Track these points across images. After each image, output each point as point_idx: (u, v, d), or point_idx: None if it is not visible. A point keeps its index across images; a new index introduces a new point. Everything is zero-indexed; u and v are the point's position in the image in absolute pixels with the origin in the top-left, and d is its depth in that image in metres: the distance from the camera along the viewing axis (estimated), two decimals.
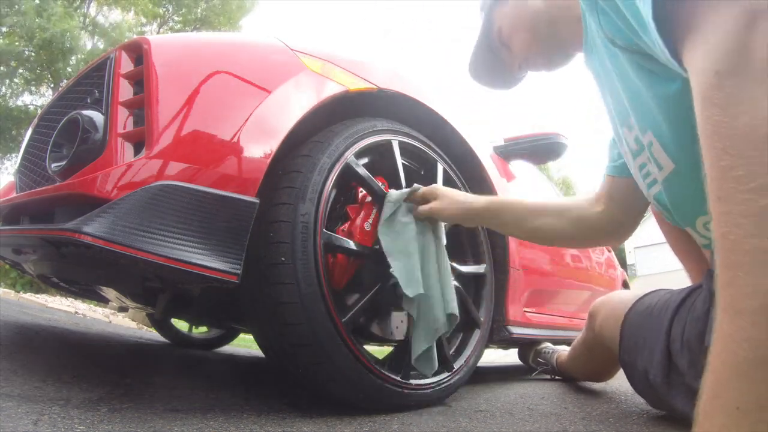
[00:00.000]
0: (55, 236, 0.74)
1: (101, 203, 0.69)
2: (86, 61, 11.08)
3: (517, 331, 1.41)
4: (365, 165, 1.03)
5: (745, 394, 0.33)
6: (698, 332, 0.75)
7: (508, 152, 1.64)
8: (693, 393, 0.72)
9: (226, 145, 0.80)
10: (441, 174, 1.19)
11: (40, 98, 12.81)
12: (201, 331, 2.24)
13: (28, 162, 1.14)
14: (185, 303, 1.11)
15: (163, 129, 0.75)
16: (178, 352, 1.92)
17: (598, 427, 0.87)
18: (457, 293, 1.17)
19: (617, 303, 1.04)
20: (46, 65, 11.61)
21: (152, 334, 2.61)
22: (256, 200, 0.80)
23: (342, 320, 0.87)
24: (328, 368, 0.85)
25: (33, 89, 12.81)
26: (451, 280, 1.01)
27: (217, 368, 1.69)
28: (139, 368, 1.31)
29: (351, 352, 0.87)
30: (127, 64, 0.85)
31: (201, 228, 0.74)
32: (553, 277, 1.79)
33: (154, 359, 1.64)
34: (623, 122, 0.71)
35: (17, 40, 11.11)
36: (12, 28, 10.91)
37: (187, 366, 1.54)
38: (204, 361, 1.80)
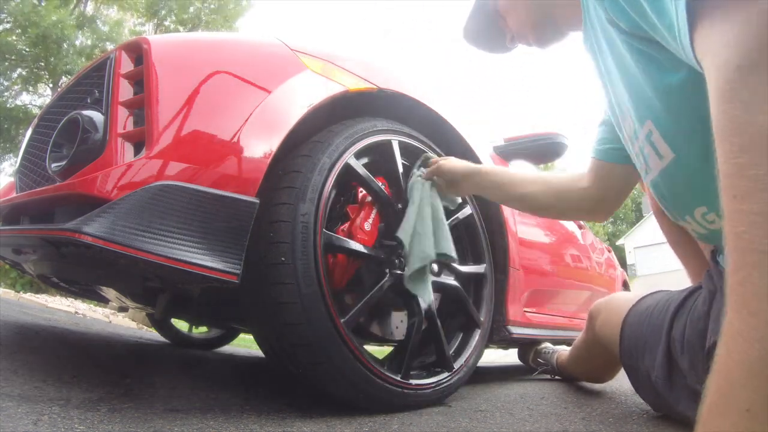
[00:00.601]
0: (55, 236, 0.74)
1: (101, 203, 0.69)
2: (80, 53, 11.08)
3: (517, 331, 1.41)
4: (365, 165, 1.03)
5: (757, 394, 0.32)
6: (699, 333, 0.75)
7: (508, 152, 1.64)
8: (695, 395, 0.72)
9: (226, 145, 0.80)
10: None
11: (39, 98, 12.82)
12: (201, 331, 2.24)
13: (28, 162, 1.14)
14: (185, 303, 1.11)
15: (163, 129, 0.75)
16: (178, 352, 1.92)
17: (598, 427, 0.87)
18: (457, 293, 1.17)
19: (617, 304, 1.04)
20: (43, 62, 11.61)
21: (152, 334, 2.61)
22: (256, 200, 0.80)
23: (342, 320, 0.87)
24: (328, 368, 0.85)
25: (31, 89, 12.82)
26: (444, 226, 1.06)
27: (217, 368, 1.69)
28: (139, 368, 1.31)
29: (351, 352, 0.87)
30: (127, 64, 0.85)
31: (201, 228, 0.74)
32: (553, 277, 1.79)
33: (154, 359, 1.64)
34: (621, 108, 0.71)
35: (14, 35, 11.11)
36: (8, 18, 10.91)
37: (187, 366, 1.54)
38: (204, 361, 1.80)
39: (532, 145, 1.64)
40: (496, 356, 4.00)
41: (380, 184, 1.04)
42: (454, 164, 1.08)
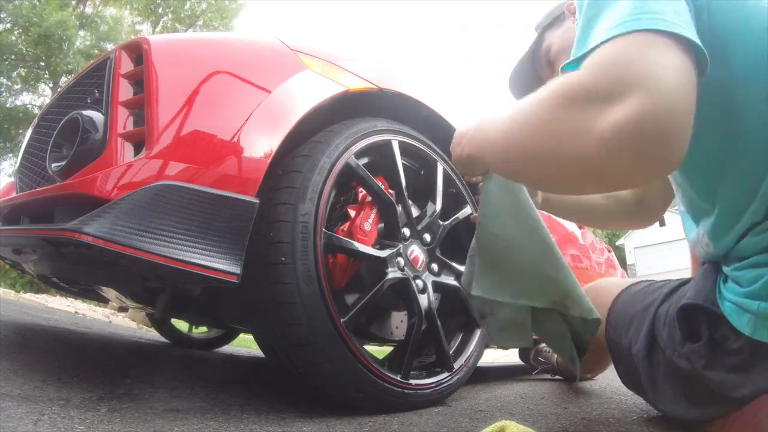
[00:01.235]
0: (55, 236, 0.74)
1: (101, 203, 0.69)
2: (83, 54, 11.07)
3: None
4: (365, 165, 1.03)
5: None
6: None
7: None
8: (672, 370, 0.72)
9: (226, 145, 0.80)
10: (441, 174, 1.19)
11: (39, 98, 12.82)
12: (201, 331, 2.24)
13: (28, 162, 1.14)
14: (185, 303, 1.11)
15: (163, 129, 0.75)
16: (178, 352, 1.92)
17: (598, 427, 0.87)
18: (458, 293, 1.17)
19: (606, 286, 1.05)
20: (44, 62, 11.61)
21: (152, 334, 2.61)
22: (256, 200, 0.80)
23: (342, 320, 0.87)
24: (328, 368, 0.85)
25: (31, 88, 12.81)
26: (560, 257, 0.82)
27: (217, 368, 1.69)
28: (139, 368, 1.31)
29: (351, 352, 0.87)
30: (127, 64, 0.85)
31: (201, 228, 0.74)
32: None
33: (154, 359, 1.64)
34: None
35: (14, 36, 11.09)
36: (9, 19, 10.90)
37: (187, 366, 1.54)
38: (204, 361, 1.80)
39: None
40: (496, 356, 4.00)
41: (380, 184, 1.04)
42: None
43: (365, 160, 1.05)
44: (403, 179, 1.08)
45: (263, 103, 0.85)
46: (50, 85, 12.24)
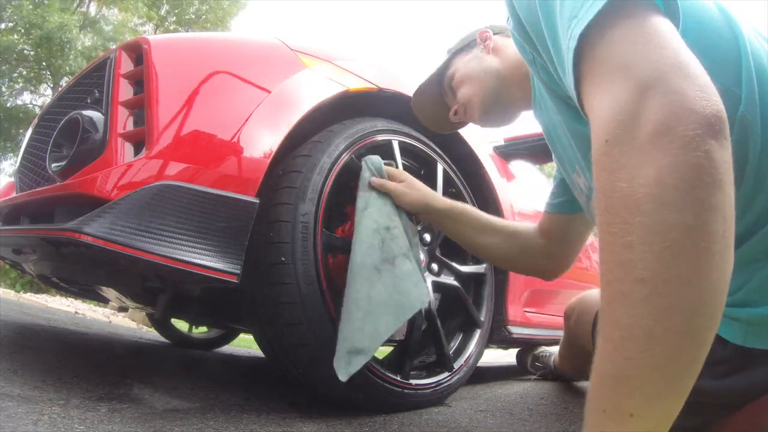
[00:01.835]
0: (55, 236, 0.74)
1: (101, 203, 0.69)
2: (84, 55, 11.06)
3: (516, 331, 1.41)
4: None
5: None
6: None
7: (508, 152, 1.64)
8: None
9: (226, 145, 0.80)
10: (441, 174, 1.19)
11: (40, 98, 12.82)
12: (201, 331, 2.24)
13: (28, 162, 1.14)
14: (185, 303, 1.11)
15: (163, 129, 0.75)
16: (178, 352, 1.92)
17: None
18: (457, 293, 1.17)
19: (589, 301, 1.05)
20: (45, 63, 11.60)
21: (152, 334, 2.60)
22: (256, 200, 0.80)
23: None
24: (328, 368, 0.85)
25: (32, 88, 12.81)
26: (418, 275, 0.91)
27: (217, 368, 1.69)
28: (139, 368, 1.31)
29: None
30: (127, 64, 0.85)
31: (201, 228, 0.74)
32: None
33: (154, 359, 1.64)
34: (572, 168, 0.74)
35: (16, 36, 11.08)
36: (11, 22, 10.90)
37: (187, 366, 1.54)
38: (204, 361, 1.80)
39: (532, 145, 1.63)
40: (496, 356, 3.99)
41: None
42: (410, 194, 0.96)
43: None
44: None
45: (263, 103, 0.85)
46: (51, 86, 12.24)
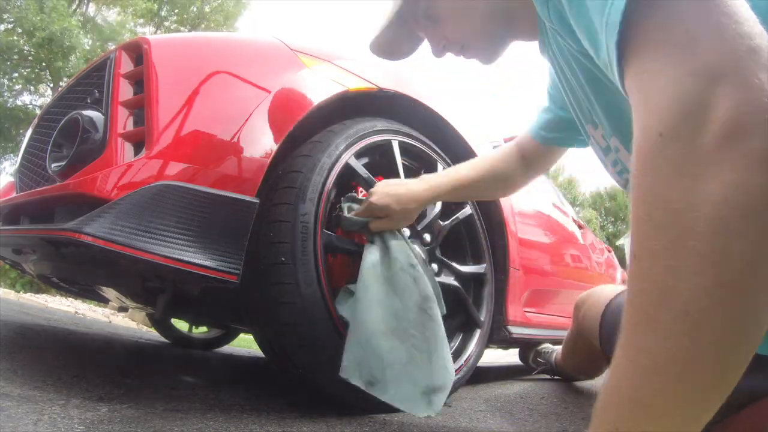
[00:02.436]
0: (55, 236, 0.74)
1: (101, 203, 0.69)
2: (85, 59, 11.07)
3: (516, 331, 1.41)
4: (365, 165, 1.03)
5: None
6: None
7: None
8: None
9: (226, 145, 0.80)
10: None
11: (40, 98, 12.82)
12: (201, 331, 2.24)
13: (28, 162, 1.14)
14: (185, 303, 1.11)
15: (163, 129, 0.75)
16: (178, 352, 1.92)
17: None
18: (457, 293, 1.17)
19: (599, 295, 1.05)
20: (46, 64, 11.60)
21: (152, 334, 2.60)
22: (256, 200, 0.80)
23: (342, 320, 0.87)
24: (328, 368, 0.85)
25: (32, 88, 12.81)
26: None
27: (217, 368, 1.69)
28: (139, 368, 1.31)
29: None
30: (127, 64, 0.85)
31: (201, 228, 0.74)
32: (553, 277, 1.79)
33: (154, 359, 1.64)
34: (587, 118, 0.67)
35: (17, 37, 11.08)
36: (12, 24, 10.89)
37: (187, 366, 1.54)
38: (204, 361, 1.80)
39: None
40: (496, 356, 3.99)
41: None
42: (413, 190, 0.93)
43: (365, 160, 1.05)
44: (403, 179, 1.08)
45: (263, 103, 0.85)
46: (51, 86, 12.24)
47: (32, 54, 11.38)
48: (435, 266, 1.14)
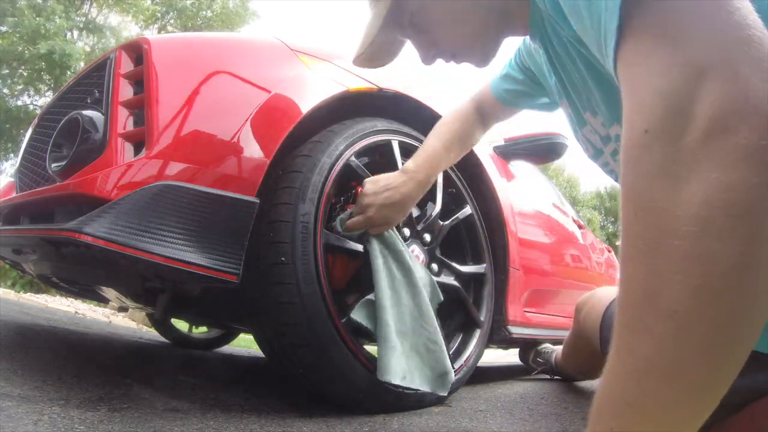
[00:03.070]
0: (55, 236, 0.74)
1: (101, 203, 0.69)
2: (83, 58, 11.08)
3: (516, 331, 1.41)
4: (365, 165, 1.03)
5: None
6: None
7: (508, 152, 1.64)
8: None
9: (226, 145, 0.80)
10: (441, 174, 1.19)
11: (40, 98, 12.82)
12: (201, 331, 2.24)
13: (28, 162, 1.14)
14: (185, 303, 1.11)
15: (163, 129, 0.75)
16: (178, 352, 1.92)
17: None
18: (457, 293, 1.17)
19: (600, 297, 1.05)
20: (47, 71, 11.63)
21: (152, 334, 2.60)
22: (256, 200, 0.80)
23: (342, 320, 0.87)
24: (328, 368, 0.85)
25: (32, 89, 12.82)
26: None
27: (217, 368, 1.69)
28: (139, 368, 1.31)
29: (351, 352, 0.87)
30: (127, 64, 0.85)
31: (201, 228, 0.74)
32: (553, 277, 1.79)
33: (154, 359, 1.64)
34: (585, 106, 0.65)
35: (17, 43, 11.08)
36: (12, 29, 10.90)
37: (187, 366, 1.54)
38: (204, 361, 1.80)
39: (531, 145, 1.63)
40: (496, 356, 4.00)
41: None
42: (404, 193, 0.94)
43: (365, 160, 1.05)
44: None
45: (263, 103, 0.85)
46: (50, 85, 12.23)
47: (33, 54, 11.38)
48: (435, 266, 1.14)
